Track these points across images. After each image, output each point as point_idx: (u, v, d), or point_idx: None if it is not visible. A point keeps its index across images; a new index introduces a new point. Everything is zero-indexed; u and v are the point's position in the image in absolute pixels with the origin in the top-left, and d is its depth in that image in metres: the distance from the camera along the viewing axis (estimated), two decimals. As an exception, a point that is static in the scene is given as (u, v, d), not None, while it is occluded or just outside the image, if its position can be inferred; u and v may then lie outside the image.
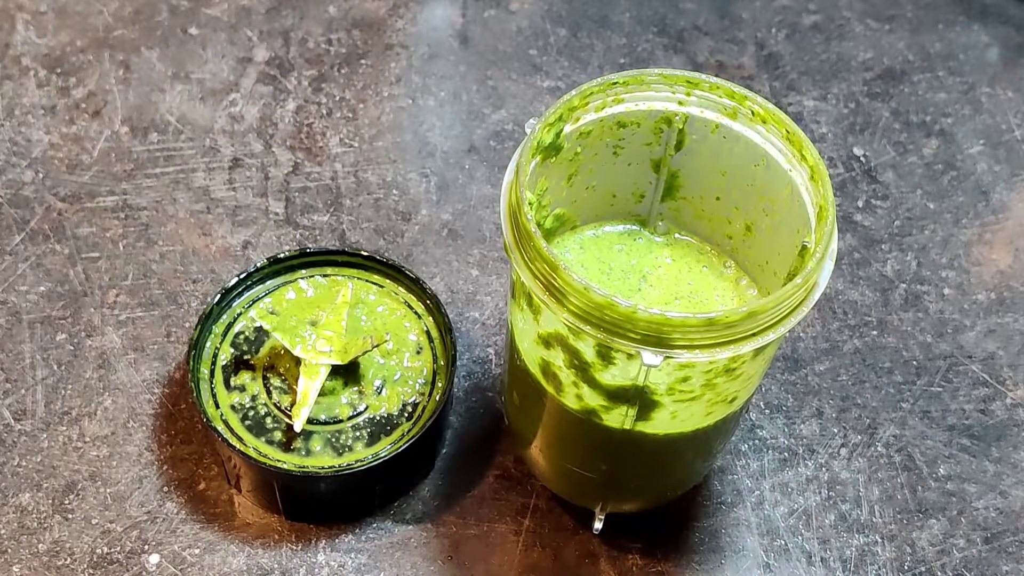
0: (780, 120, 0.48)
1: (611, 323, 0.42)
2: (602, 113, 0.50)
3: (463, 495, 0.60)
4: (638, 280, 0.54)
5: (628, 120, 0.50)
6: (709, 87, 0.49)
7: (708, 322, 0.42)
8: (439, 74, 0.78)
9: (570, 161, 0.51)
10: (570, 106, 0.48)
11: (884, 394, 0.64)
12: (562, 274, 0.43)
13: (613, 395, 0.47)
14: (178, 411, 0.62)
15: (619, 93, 0.49)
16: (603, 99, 0.49)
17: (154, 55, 0.78)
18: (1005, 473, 0.62)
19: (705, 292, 0.54)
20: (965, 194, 0.74)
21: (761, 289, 0.54)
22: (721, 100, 0.49)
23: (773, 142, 0.48)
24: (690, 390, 0.47)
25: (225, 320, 0.60)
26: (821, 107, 0.78)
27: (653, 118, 0.50)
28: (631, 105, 0.50)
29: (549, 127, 0.48)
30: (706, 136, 0.50)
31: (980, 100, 0.79)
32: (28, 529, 0.57)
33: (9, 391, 0.62)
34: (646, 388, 0.46)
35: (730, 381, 0.47)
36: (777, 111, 0.48)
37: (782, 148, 0.48)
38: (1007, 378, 0.65)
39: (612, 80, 0.49)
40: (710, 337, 0.42)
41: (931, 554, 0.59)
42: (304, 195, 0.71)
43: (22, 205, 0.70)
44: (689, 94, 0.49)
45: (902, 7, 0.84)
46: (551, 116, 0.48)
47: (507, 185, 0.47)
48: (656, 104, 0.49)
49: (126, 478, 0.59)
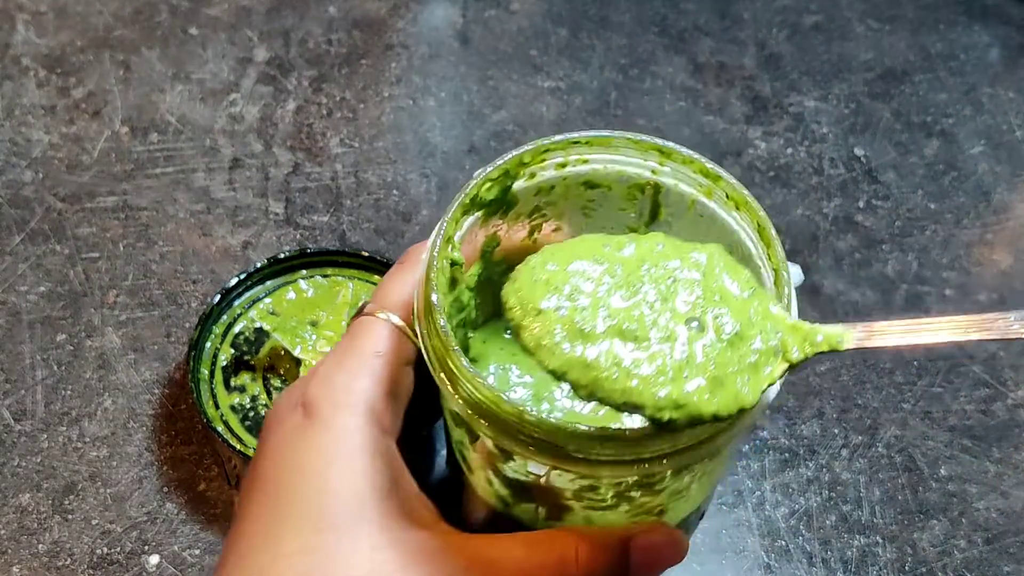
0: (753, 209, 0.42)
1: (501, 421, 0.38)
2: (564, 172, 0.45)
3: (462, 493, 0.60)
4: None
5: (597, 181, 0.46)
6: (683, 160, 0.44)
7: (605, 436, 0.37)
8: (439, 74, 0.78)
9: (530, 216, 0.47)
10: (519, 161, 0.44)
11: (885, 395, 0.64)
12: (452, 358, 0.38)
13: (519, 490, 0.42)
14: (178, 412, 0.62)
15: (582, 153, 0.45)
16: (564, 156, 0.44)
17: (154, 55, 0.78)
18: (1006, 474, 0.62)
19: None
20: (966, 195, 0.74)
21: None
22: (695, 176, 0.44)
23: (747, 231, 0.43)
24: (600, 499, 0.41)
25: (225, 320, 0.60)
26: (822, 107, 0.78)
27: (625, 182, 0.46)
28: (598, 166, 0.45)
29: (491, 183, 0.44)
30: (683, 211, 0.46)
31: (981, 100, 0.79)
32: (28, 530, 0.57)
33: (9, 391, 0.62)
34: (549, 490, 0.41)
35: (651, 496, 0.41)
36: (750, 199, 0.43)
37: (755, 240, 0.43)
38: (1008, 379, 0.65)
39: (573, 139, 0.44)
40: (608, 454, 0.37)
41: (932, 555, 0.59)
42: (304, 195, 0.71)
43: (22, 205, 0.69)
44: (662, 163, 0.45)
45: (903, 7, 0.84)
46: (493, 172, 0.43)
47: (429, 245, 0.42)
48: (627, 168, 0.45)
49: (126, 479, 0.59)
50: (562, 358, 0.37)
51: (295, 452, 0.41)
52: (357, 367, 0.42)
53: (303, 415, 0.41)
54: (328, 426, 0.40)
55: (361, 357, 0.42)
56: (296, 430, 0.41)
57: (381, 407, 0.42)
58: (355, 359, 0.42)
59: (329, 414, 0.41)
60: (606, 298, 0.38)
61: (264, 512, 0.40)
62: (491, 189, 0.44)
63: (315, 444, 0.40)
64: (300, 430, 0.41)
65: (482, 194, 0.44)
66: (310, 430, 0.41)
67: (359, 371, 0.42)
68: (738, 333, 0.37)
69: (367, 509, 0.39)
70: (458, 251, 0.43)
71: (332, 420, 0.40)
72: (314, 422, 0.41)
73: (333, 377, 0.42)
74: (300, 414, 0.41)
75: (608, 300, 0.38)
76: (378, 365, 0.42)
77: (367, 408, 0.41)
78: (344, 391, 0.41)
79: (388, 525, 0.39)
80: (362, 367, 0.42)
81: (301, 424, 0.41)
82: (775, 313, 0.38)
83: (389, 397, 0.42)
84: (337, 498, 0.39)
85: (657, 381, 0.36)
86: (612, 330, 0.37)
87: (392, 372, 0.42)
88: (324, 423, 0.40)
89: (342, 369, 0.42)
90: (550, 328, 0.37)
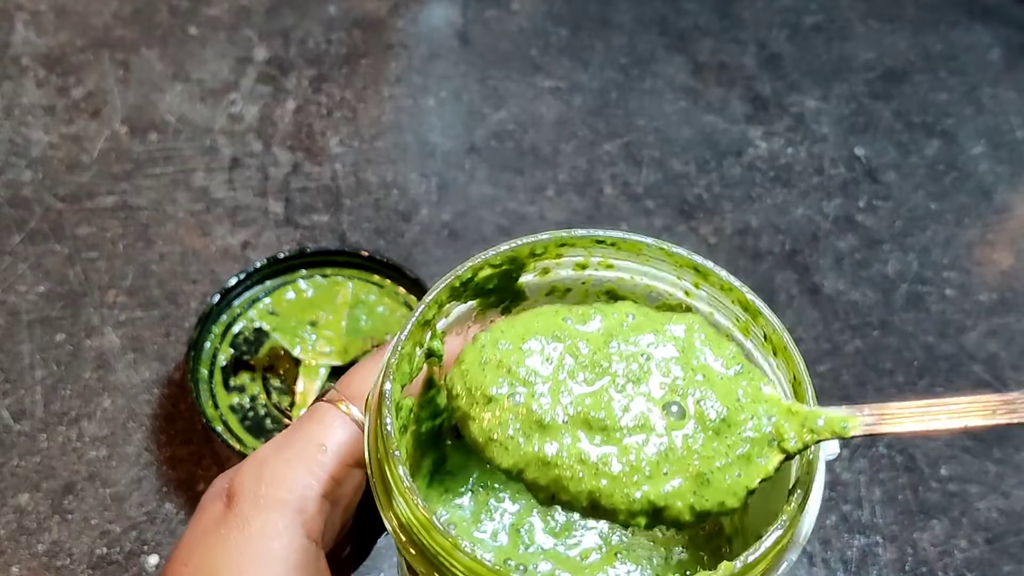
0: (792, 359, 0.35)
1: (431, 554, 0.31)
2: (584, 274, 0.38)
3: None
4: None
5: (622, 293, 0.38)
6: (720, 286, 0.37)
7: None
8: (439, 74, 0.78)
9: None
10: (530, 251, 0.37)
11: (886, 395, 0.64)
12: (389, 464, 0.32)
13: None
14: (177, 412, 0.62)
15: (607, 256, 0.38)
16: (585, 256, 0.38)
17: (154, 55, 0.78)
18: (1007, 474, 0.62)
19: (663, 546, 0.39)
20: (967, 194, 0.74)
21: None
22: (732, 307, 0.37)
23: (782, 382, 0.35)
24: None
25: (224, 320, 0.60)
26: (823, 107, 0.78)
27: (654, 300, 0.38)
28: (624, 275, 0.38)
29: (492, 270, 0.37)
30: None
31: (982, 100, 0.79)
32: (27, 530, 0.57)
33: (8, 391, 0.62)
34: None
35: None
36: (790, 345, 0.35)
37: (788, 393, 0.35)
38: (1009, 378, 0.65)
39: (598, 237, 0.37)
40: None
41: (933, 555, 0.59)
42: (304, 195, 0.71)
43: (21, 205, 0.69)
44: (697, 285, 0.37)
45: (904, 8, 0.84)
46: (496, 258, 0.36)
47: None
48: (657, 284, 0.38)
49: (125, 479, 0.59)
50: (516, 455, 0.31)
51: (207, 551, 0.35)
52: (295, 458, 0.36)
53: (225, 505, 0.36)
54: (246, 525, 0.35)
55: (303, 448, 0.36)
56: (214, 524, 0.36)
57: (313, 510, 0.36)
58: (295, 449, 0.36)
59: (250, 510, 0.35)
60: (567, 382, 0.32)
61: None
62: (491, 278, 0.37)
63: (228, 545, 0.35)
64: (217, 524, 0.36)
65: (479, 280, 0.37)
66: (226, 526, 0.35)
67: (296, 463, 0.36)
68: (725, 419, 0.32)
69: None
70: (439, 341, 0.37)
71: (252, 518, 0.35)
72: (234, 516, 0.35)
73: (265, 465, 0.36)
74: (223, 504, 0.36)
75: (570, 384, 0.32)
76: (320, 461, 0.36)
77: (296, 509, 0.35)
78: (273, 484, 0.36)
79: None
80: (300, 459, 0.36)
81: (221, 517, 0.36)
82: (768, 395, 0.33)
83: (325, 500, 0.36)
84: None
85: (631, 480, 0.31)
86: (575, 420, 0.31)
87: (335, 471, 0.36)
88: (243, 520, 0.35)
89: (278, 458, 0.36)
90: (502, 419, 0.32)
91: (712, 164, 0.74)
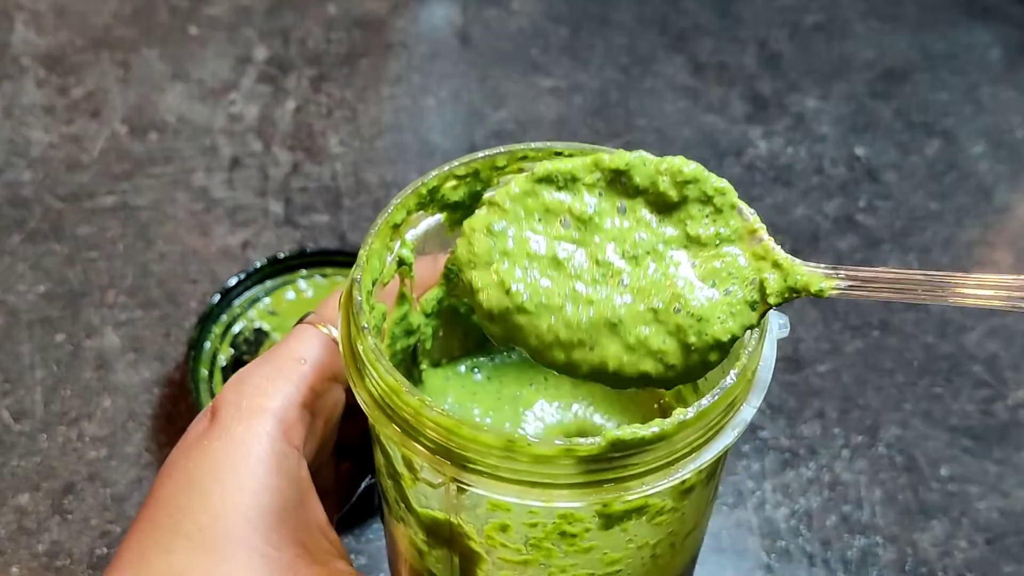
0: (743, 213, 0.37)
1: (402, 419, 0.32)
2: None
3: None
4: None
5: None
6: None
7: (506, 444, 0.30)
8: (439, 74, 0.78)
9: None
10: (492, 164, 0.38)
11: (886, 395, 0.64)
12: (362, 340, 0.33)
13: (430, 530, 0.37)
14: (177, 412, 0.62)
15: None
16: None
17: (154, 55, 0.78)
18: (1007, 474, 0.62)
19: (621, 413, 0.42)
20: (967, 194, 0.74)
21: None
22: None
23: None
24: (515, 547, 0.35)
25: (224, 320, 0.60)
26: (823, 107, 0.78)
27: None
28: None
29: (457, 181, 0.38)
30: None
31: (982, 100, 0.79)
32: (27, 530, 0.57)
33: (8, 391, 0.62)
34: (458, 529, 0.36)
35: (578, 554, 0.35)
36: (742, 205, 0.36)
37: None
38: (1009, 379, 0.65)
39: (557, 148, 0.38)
40: (509, 469, 0.31)
41: (933, 555, 0.59)
42: (304, 195, 0.71)
43: (21, 205, 0.69)
44: None
45: (904, 7, 0.84)
46: (460, 169, 0.38)
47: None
48: None
49: (125, 479, 0.59)
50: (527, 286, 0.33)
51: (188, 462, 0.37)
52: (275, 372, 0.38)
53: (208, 420, 0.37)
54: (227, 433, 0.36)
55: (283, 362, 0.38)
56: (197, 437, 0.37)
57: (292, 417, 0.37)
58: (275, 364, 0.38)
59: (231, 420, 0.37)
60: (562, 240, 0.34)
61: (146, 524, 0.36)
62: (457, 188, 0.38)
63: (210, 453, 0.36)
64: (200, 437, 0.37)
65: (445, 191, 0.38)
66: (208, 436, 0.37)
67: (275, 375, 0.38)
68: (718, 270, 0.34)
69: (252, 534, 0.35)
70: (409, 251, 0.38)
71: (233, 427, 0.37)
72: (216, 427, 0.37)
73: (246, 380, 0.38)
74: (207, 419, 0.38)
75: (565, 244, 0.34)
76: (300, 371, 0.38)
77: (276, 416, 0.37)
78: (253, 395, 0.37)
79: (272, 556, 0.35)
80: (280, 372, 0.38)
81: (205, 430, 0.37)
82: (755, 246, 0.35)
83: (304, 409, 0.38)
84: (220, 519, 0.35)
85: (632, 324, 0.32)
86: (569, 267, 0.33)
87: (314, 383, 0.38)
88: (224, 429, 0.37)
89: (259, 372, 0.38)
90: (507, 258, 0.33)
91: (712, 164, 0.74)
